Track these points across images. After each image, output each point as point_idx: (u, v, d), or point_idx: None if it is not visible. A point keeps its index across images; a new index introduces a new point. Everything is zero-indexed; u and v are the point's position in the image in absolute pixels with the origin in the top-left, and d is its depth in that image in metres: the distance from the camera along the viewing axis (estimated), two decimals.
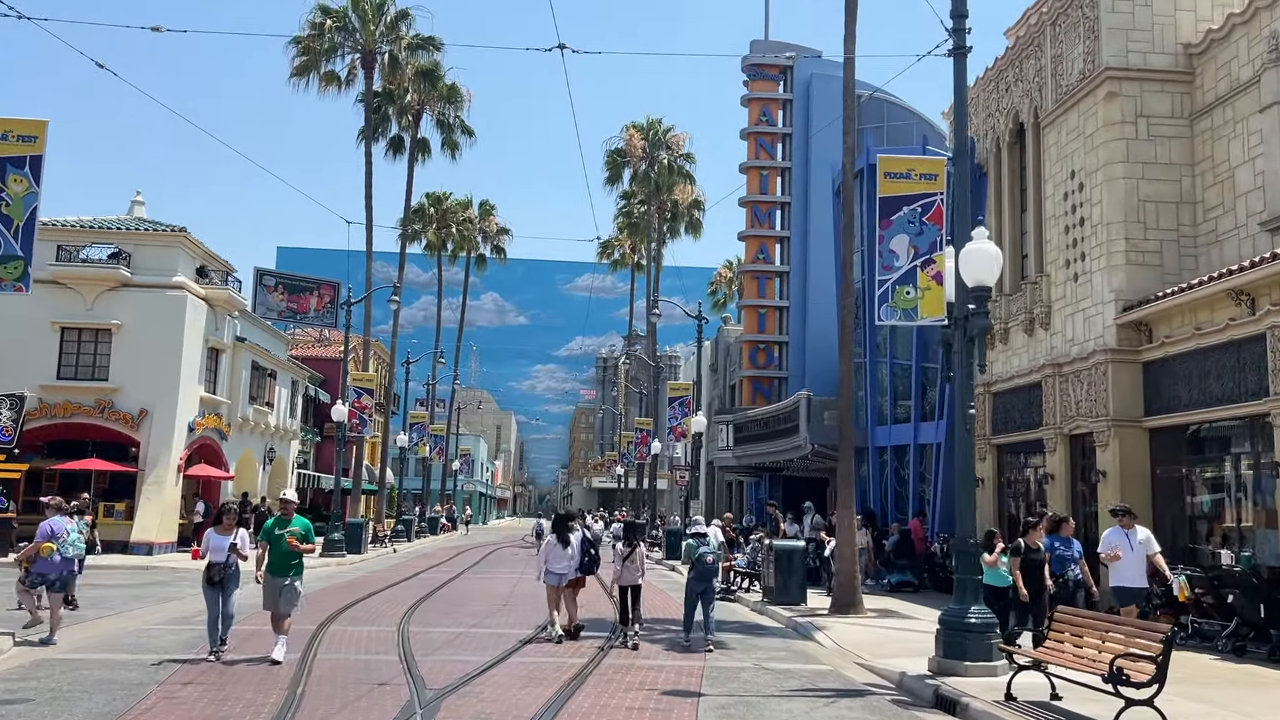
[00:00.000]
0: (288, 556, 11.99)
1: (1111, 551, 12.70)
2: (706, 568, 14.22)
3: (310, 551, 12.27)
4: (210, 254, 34.75)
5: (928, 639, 15.22)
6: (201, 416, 33.30)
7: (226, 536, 12.22)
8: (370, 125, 42.67)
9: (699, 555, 14.26)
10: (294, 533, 11.99)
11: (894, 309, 12.35)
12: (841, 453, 18.99)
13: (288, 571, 12.00)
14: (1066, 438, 20.26)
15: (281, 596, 11.94)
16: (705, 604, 14.10)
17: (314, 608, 17.87)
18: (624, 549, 14.66)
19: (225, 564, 12.04)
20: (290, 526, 12.07)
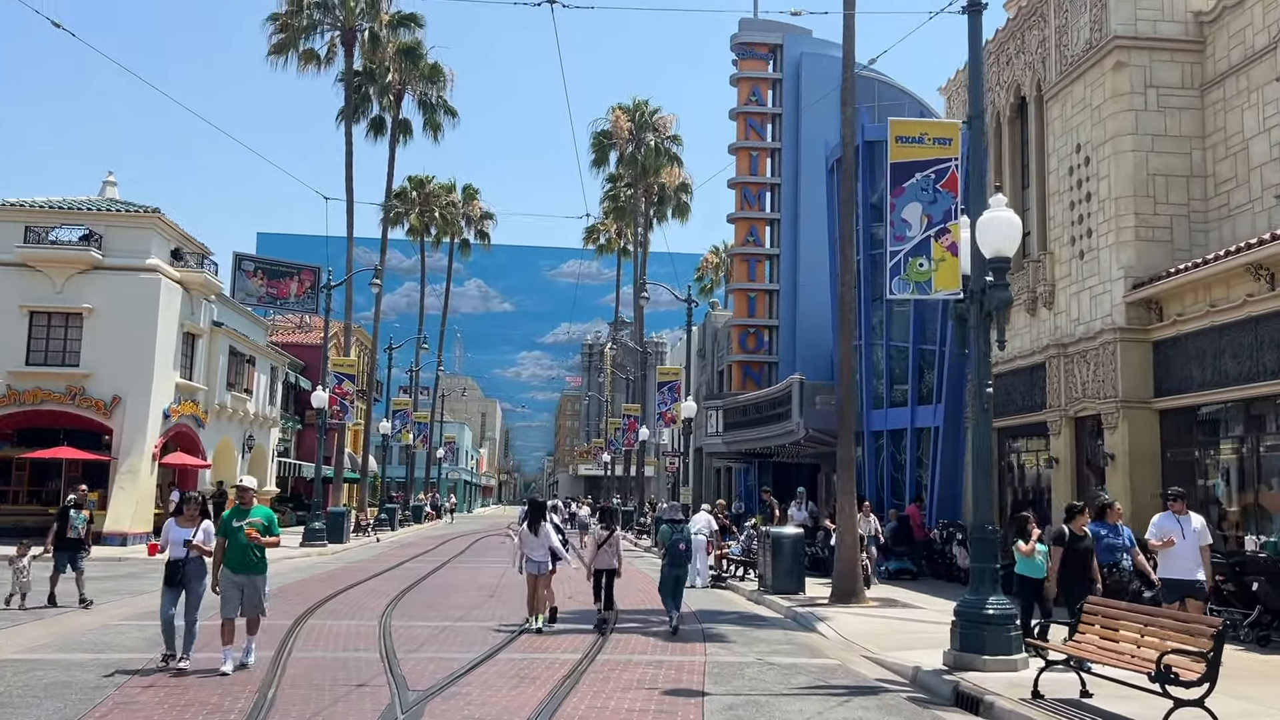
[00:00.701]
0: (248, 551, 10.51)
1: (1163, 539, 11.46)
2: (680, 554, 14.43)
3: (273, 545, 10.68)
4: (185, 236, 33.74)
5: (935, 629, 14.60)
6: (177, 403, 32.34)
7: (187, 529, 10.74)
8: (350, 105, 41.66)
9: (673, 541, 14.50)
10: (254, 524, 10.47)
11: (906, 281, 11.62)
12: (841, 437, 18.29)
13: (249, 568, 10.56)
14: (1072, 420, 19.64)
15: (244, 598, 10.57)
16: (677, 589, 14.38)
17: (291, 600, 17.11)
18: (601, 533, 14.68)
19: (184, 560, 10.62)
20: (250, 517, 10.55)
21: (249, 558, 10.55)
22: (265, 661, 10.90)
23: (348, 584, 20.38)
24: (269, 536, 10.63)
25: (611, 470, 71.73)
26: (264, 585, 10.79)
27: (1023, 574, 11.87)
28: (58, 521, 15.97)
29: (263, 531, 10.54)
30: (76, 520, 15.82)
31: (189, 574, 10.63)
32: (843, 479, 18.03)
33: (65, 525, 15.79)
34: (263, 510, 10.78)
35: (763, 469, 43.41)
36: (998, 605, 10.98)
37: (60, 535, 15.73)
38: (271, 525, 10.72)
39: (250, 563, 10.58)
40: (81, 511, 15.98)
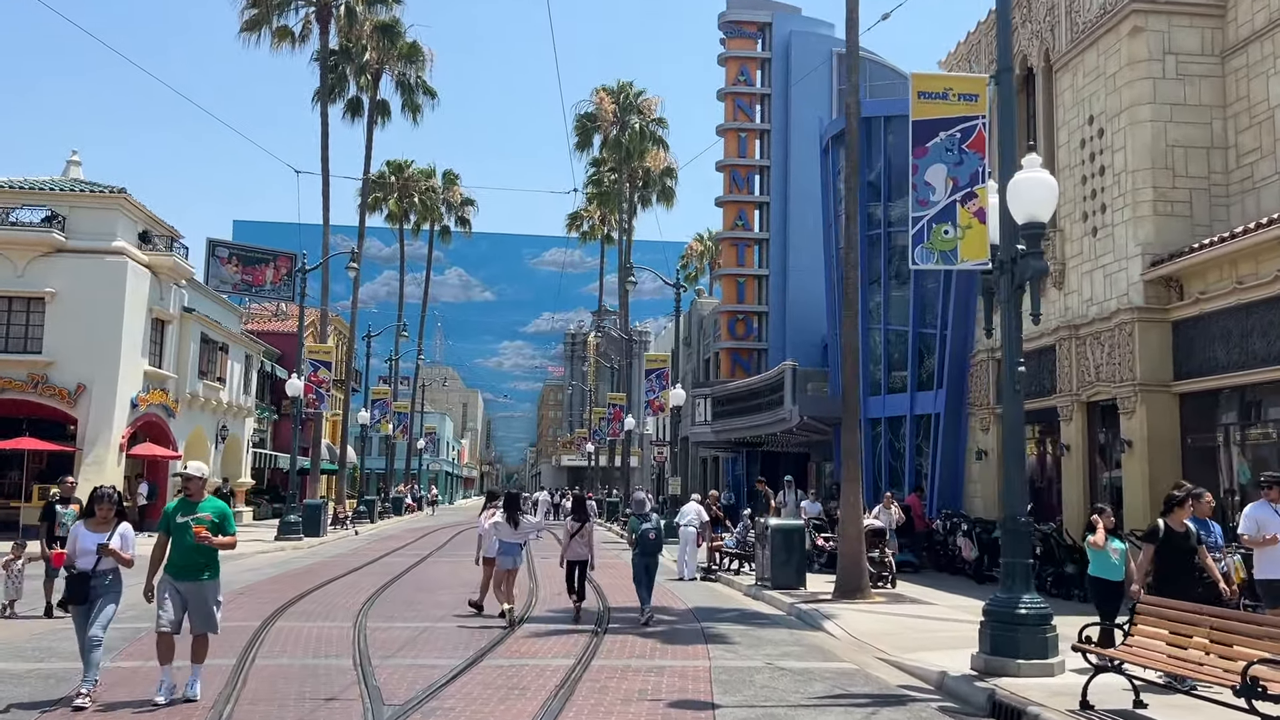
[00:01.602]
0: (196, 554, 8.55)
1: (1262, 534, 9.68)
2: (650, 543, 14.32)
3: (228, 546, 8.76)
4: (153, 218, 32.43)
5: (950, 627, 13.67)
6: (146, 392, 31.09)
7: (99, 533, 8.59)
8: (325, 85, 40.35)
9: (642, 532, 14.34)
10: (203, 521, 8.54)
11: (930, 251, 10.62)
12: (845, 423, 17.32)
13: (197, 574, 8.59)
14: (1085, 405, 18.74)
15: (190, 612, 8.62)
16: (648, 579, 14.25)
17: (261, 599, 16.03)
18: (573, 524, 14.47)
19: (93, 572, 8.50)
20: (198, 512, 8.61)
21: (196, 561, 8.59)
22: (224, 671, 9.81)
23: (322, 580, 19.30)
24: (223, 536, 8.68)
25: (596, 461, 70.71)
26: (215, 596, 8.78)
27: (1098, 576, 10.54)
28: (44, 520, 14.54)
29: (214, 529, 8.60)
30: (65, 517, 14.16)
31: (100, 588, 8.54)
32: (847, 467, 17.05)
33: (53, 523, 14.29)
34: (214, 503, 8.83)
35: (751, 458, 42.55)
36: (1031, 604, 10.02)
37: (49, 535, 14.25)
38: (225, 522, 8.75)
39: (198, 567, 8.61)
40: (70, 506, 14.34)
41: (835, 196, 27.49)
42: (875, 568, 17.70)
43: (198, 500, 8.75)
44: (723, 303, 40.79)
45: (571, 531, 14.36)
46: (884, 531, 18.84)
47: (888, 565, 18.13)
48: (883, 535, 18.71)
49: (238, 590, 17.33)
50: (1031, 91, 21.79)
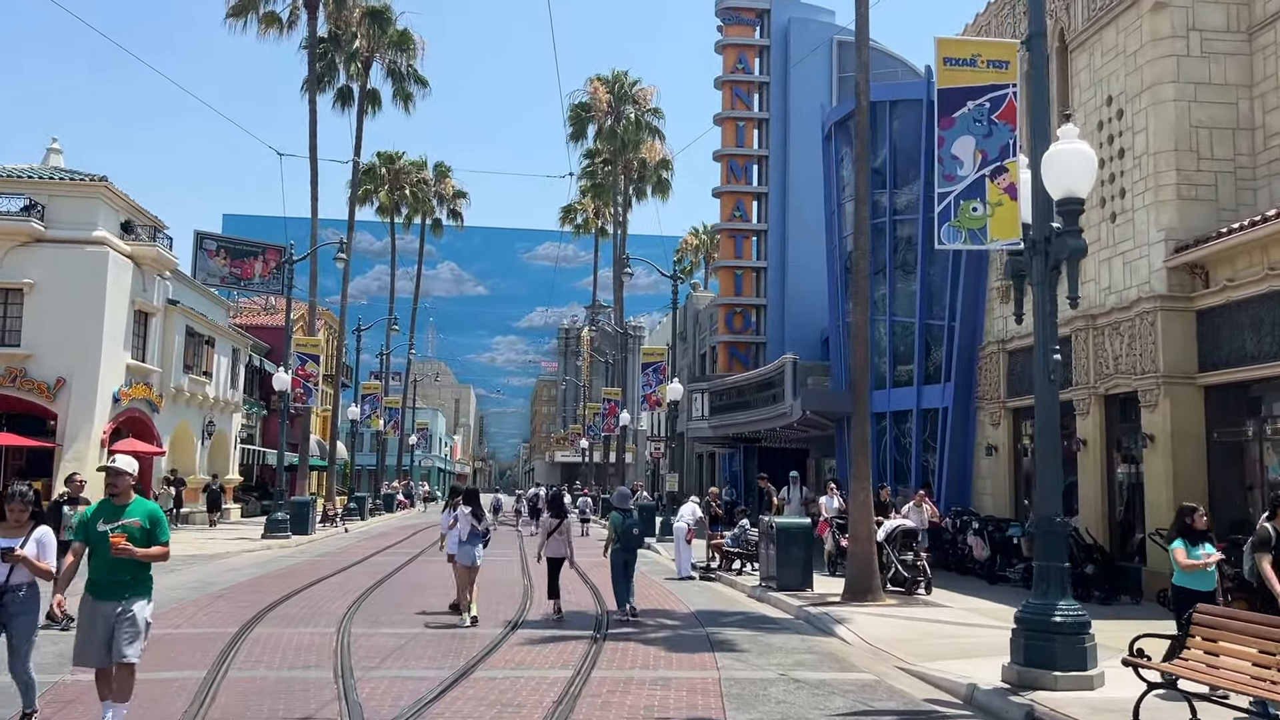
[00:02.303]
0: (120, 569, 6.95)
1: None
2: (633, 539, 14.36)
3: (158, 558, 7.12)
4: (136, 207, 31.53)
5: (970, 633, 12.92)
6: (128, 386, 30.21)
7: (12, 539, 7.23)
8: (314, 73, 39.41)
9: (625, 527, 14.30)
10: (128, 528, 6.95)
11: (958, 229, 9.84)
12: (856, 416, 16.54)
13: (119, 593, 6.95)
14: (1102, 398, 17.99)
15: (115, 635, 6.88)
16: (628, 573, 14.21)
17: (241, 602, 15.21)
18: (551, 521, 14.45)
19: (4, 586, 7.14)
20: (124, 518, 6.99)
21: (120, 578, 6.96)
22: (192, 686, 9.01)
23: (308, 581, 18.49)
24: (151, 546, 7.04)
25: (590, 457, 69.93)
26: (144, 617, 7.05)
27: (1183, 586, 9.32)
28: (49, 519, 13.49)
29: (141, 538, 6.97)
30: (72, 518, 12.63)
31: (13, 606, 7.17)
32: (856, 462, 16.27)
33: (58, 525, 12.67)
34: (144, 506, 7.20)
35: (748, 454, 41.76)
36: (1068, 611, 9.27)
37: None
38: (156, 528, 7.11)
39: (121, 584, 6.96)
40: (77, 508, 12.82)
41: (838, 184, 26.73)
42: (909, 571, 16.59)
43: (124, 502, 7.11)
44: (720, 295, 39.94)
45: (550, 529, 14.29)
46: (917, 532, 17.48)
47: (921, 569, 16.75)
48: (915, 536, 17.32)
49: (216, 593, 16.54)
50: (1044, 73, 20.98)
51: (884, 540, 16.73)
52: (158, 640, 11.46)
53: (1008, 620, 14.10)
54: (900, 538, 16.98)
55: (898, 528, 17.11)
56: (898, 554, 16.85)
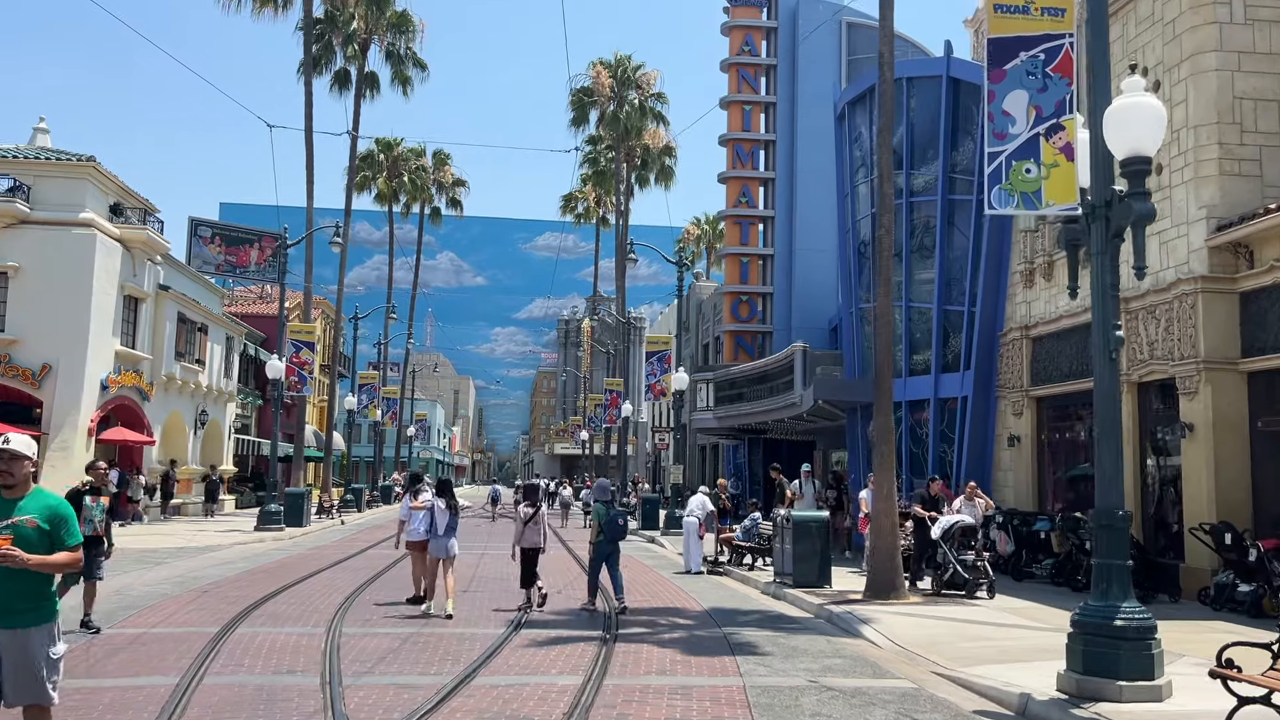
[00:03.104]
0: (8, 582, 5.03)
1: None
2: (618, 529, 14.02)
3: (59, 568, 5.19)
4: (126, 189, 30.60)
5: (1007, 634, 12.03)
6: (117, 373, 29.31)
7: None
8: (309, 55, 38.44)
9: (610, 518, 13.95)
10: (21, 528, 5.08)
11: (1009, 193, 8.94)
12: (879, 403, 15.64)
13: (12, 617, 5.07)
14: (1135, 386, 17.09)
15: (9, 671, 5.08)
16: (613, 565, 13.92)
17: (227, 598, 14.32)
18: (527, 511, 14.16)
19: None
20: (15, 515, 5.12)
21: (8, 592, 5.06)
22: (162, 695, 8.12)
23: (299, 576, 17.61)
24: (54, 554, 5.14)
25: (590, 449, 69.11)
26: (48, 647, 5.17)
27: None
28: None
29: (36, 541, 5.10)
30: (93, 512, 11.52)
31: None
32: (879, 452, 15.39)
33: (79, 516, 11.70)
34: (44, 500, 5.29)
35: (752, 446, 40.87)
36: (1132, 614, 8.38)
37: None
38: (60, 528, 5.23)
39: (16, 605, 5.09)
40: (100, 499, 11.68)
41: (851, 165, 25.81)
42: (969, 573, 15.09)
43: (18, 495, 5.21)
44: (726, 283, 39.03)
45: (525, 519, 13.98)
46: (976, 529, 15.86)
47: (983, 571, 15.20)
48: (975, 534, 15.75)
49: (202, 588, 15.66)
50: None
51: (940, 538, 15.42)
52: (132, 642, 10.60)
53: (1041, 620, 13.31)
54: (958, 535, 15.43)
55: (956, 524, 15.49)
56: (956, 553, 15.30)
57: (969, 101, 22.29)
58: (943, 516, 15.75)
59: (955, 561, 15.16)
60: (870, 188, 24.67)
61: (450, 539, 13.55)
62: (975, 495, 16.71)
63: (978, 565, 15.18)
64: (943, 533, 15.45)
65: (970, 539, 15.57)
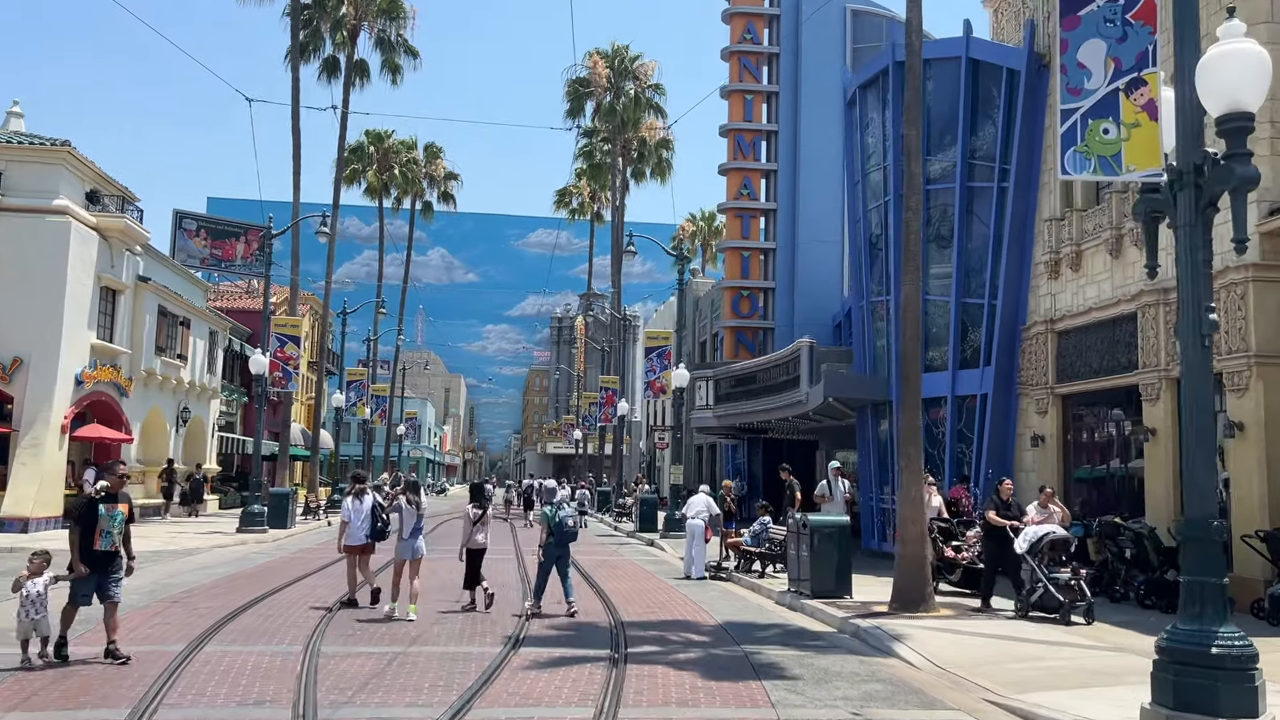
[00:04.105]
0: None
1: None
2: (567, 532, 13.66)
3: None
4: (103, 176, 29.30)
5: (1058, 653, 10.86)
6: (93, 368, 28.02)
7: None
8: (296, 41, 37.20)
9: (560, 520, 13.61)
10: None
11: (1086, 156, 7.84)
12: (905, 399, 14.51)
13: None
14: (1175, 382, 15.92)
15: None
16: (563, 569, 13.61)
17: (198, 609, 13.11)
18: (475, 511, 13.93)
19: None
20: None
21: None
22: None
23: (279, 583, 16.42)
24: None
25: (584, 448, 67.95)
26: None
27: None
28: (79, 521, 9.80)
29: None
30: (111, 521, 9.78)
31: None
32: (905, 453, 14.25)
33: (93, 528, 9.71)
34: None
35: (752, 446, 39.79)
36: (1231, 641, 7.27)
37: (85, 546, 9.68)
38: None
39: None
40: (117, 507, 9.90)
41: (862, 153, 24.66)
42: (1063, 594, 12.86)
43: None
44: (726, 278, 37.83)
45: (474, 519, 13.83)
46: (1069, 542, 13.70)
47: (1079, 591, 12.98)
48: (1068, 547, 13.65)
49: (173, 598, 14.46)
50: None
51: (1027, 552, 13.35)
52: (81, 664, 9.41)
53: (1087, 636, 12.16)
54: (1048, 549, 13.32)
55: (1045, 536, 13.35)
56: (1047, 571, 13.16)
57: (989, 84, 21.20)
58: (1028, 527, 13.82)
59: (1046, 580, 13.00)
60: (883, 174, 23.57)
61: (416, 540, 13.21)
62: (1050, 502, 14.28)
63: (1072, 584, 12.98)
64: (1030, 546, 13.37)
65: (1062, 553, 13.52)
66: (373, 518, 14.02)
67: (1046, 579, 13.04)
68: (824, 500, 18.19)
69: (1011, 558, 13.77)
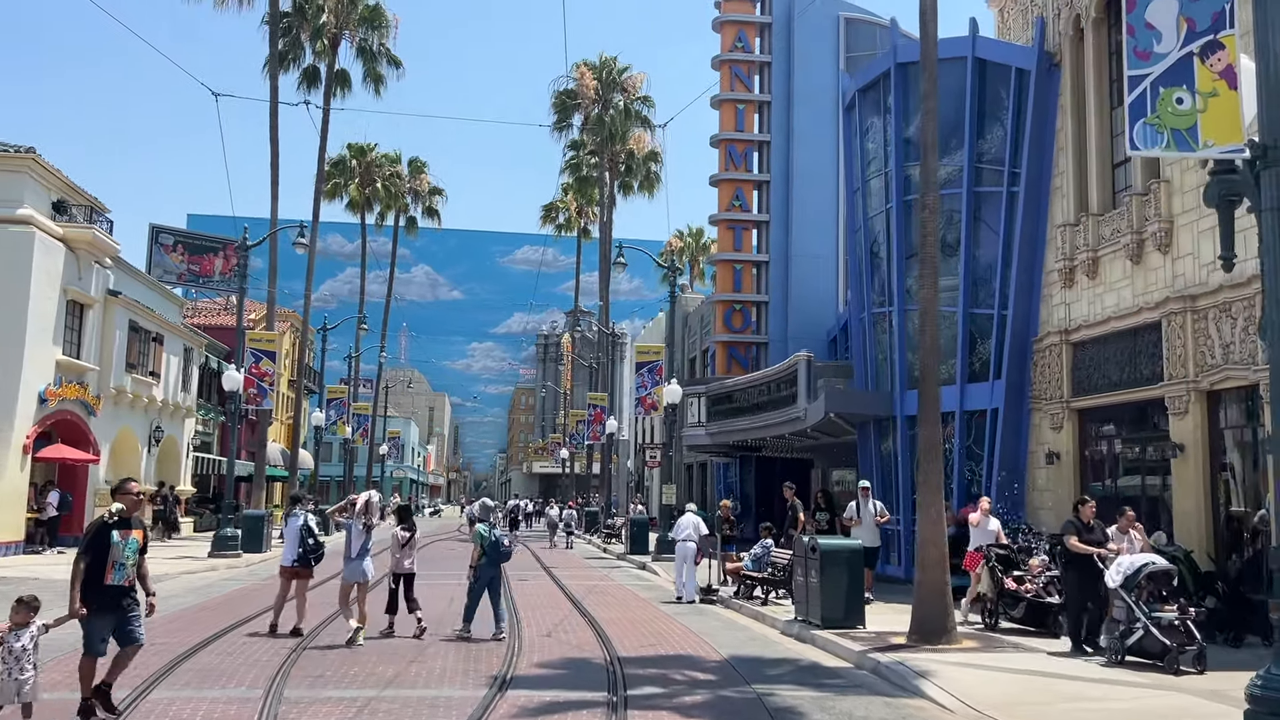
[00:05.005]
0: None
1: None
2: (502, 552, 13.33)
3: None
4: (70, 185, 28.14)
5: (1100, 691, 9.77)
6: (58, 385, 26.77)
7: None
8: (275, 49, 36.19)
9: (494, 540, 13.24)
10: None
11: (1158, 129, 6.86)
12: (923, 413, 13.49)
13: None
14: (1204, 395, 15.03)
15: None
16: (494, 591, 13.28)
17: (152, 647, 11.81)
18: (403, 534, 13.46)
19: None
20: None
21: None
22: None
23: (248, 613, 15.28)
24: None
25: (571, 467, 66.79)
26: None
27: None
28: (89, 551, 8.18)
29: None
30: (124, 551, 8.24)
31: None
32: (925, 470, 13.22)
33: (104, 559, 8.15)
34: None
35: (744, 464, 38.77)
36: None
37: (94, 581, 8.12)
38: None
39: None
40: (132, 533, 8.36)
41: (863, 159, 23.75)
42: (1169, 637, 10.85)
43: None
44: (718, 291, 36.89)
45: (402, 542, 13.37)
46: (1170, 575, 11.62)
47: (1188, 633, 10.94)
48: (1169, 580, 11.60)
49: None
50: (1118, 17, 18.15)
51: (1122, 586, 11.32)
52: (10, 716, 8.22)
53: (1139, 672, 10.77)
54: (1145, 583, 11.33)
55: (1144, 568, 11.39)
56: (1147, 608, 11.19)
57: (997, 84, 20.34)
58: (1123, 556, 11.70)
59: (1146, 619, 11.09)
60: (884, 181, 22.66)
61: (362, 561, 12.69)
62: (1130, 527, 12.44)
63: (1177, 625, 10.99)
64: (1125, 579, 11.31)
65: (1163, 588, 11.48)
66: (300, 540, 13.42)
67: (1145, 618, 11.10)
68: (853, 524, 16.98)
69: (1098, 591, 11.88)
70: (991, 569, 14.15)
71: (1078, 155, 18.67)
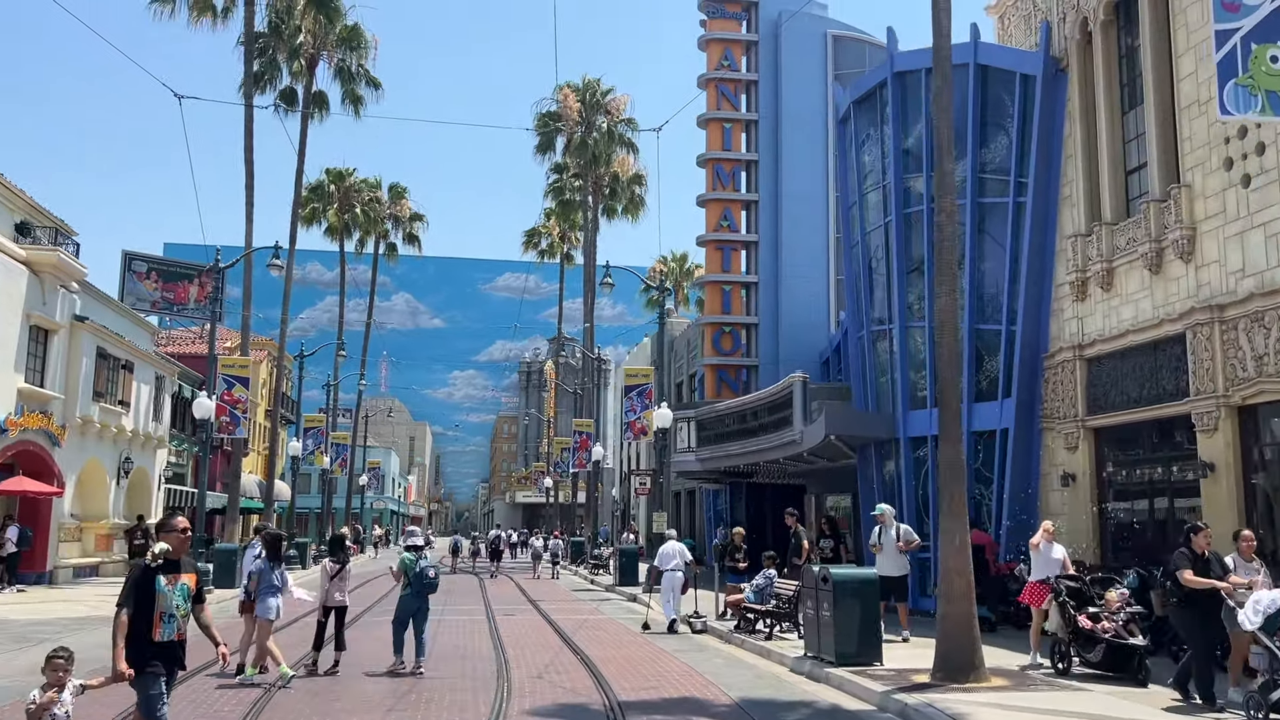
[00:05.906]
0: None
1: None
2: (427, 583, 12.90)
3: None
4: (35, 206, 27.07)
5: None
6: (19, 414, 25.53)
7: None
8: (250, 70, 35.17)
9: (420, 570, 12.82)
10: None
11: (1251, 91, 5.97)
12: (943, 431, 12.48)
13: None
14: (1235, 410, 14.18)
15: None
16: (419, 624, 12.76)
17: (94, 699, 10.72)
18: (333, 566, 13.02)
19: None
20: None
21: None
22: None
23: (208, 660, 14.01)
24: None
25: (555, 496, 65.55)
26: None
27: None
28: (130, 600, 6.92)
29: None
30: (173, 600, 6.95)
31: None
32: (947, 494, 12.20)
33: (150, 610, 6.89)
34: None
35: (735, 491, 37.72)
36: None
37: (139, 636, 6.86)
38: None
39: None
40: (181, 578, 7.08)
41: (859, 172, 22.96)
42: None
43: None
44: (706, 313, 36.04)
45: (332, 574, 12.92)
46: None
47: None
48: None
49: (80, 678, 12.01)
50: (1127, 19, 17.46)
51: (1261, 628, 9.44)
52: None
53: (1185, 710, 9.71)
54: None
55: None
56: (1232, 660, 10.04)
57: (1000, 91, 19.60)
58: (1258, 591, 9.78)
59: None
60: (883, 194, 21.85)
61: (266, 599, 12.27)
62: (1251, 550, 10.68)
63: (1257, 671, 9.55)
64: (1265, 620, 9.45)
65: None
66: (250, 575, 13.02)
67: None
68: (876, 550, 15.85)
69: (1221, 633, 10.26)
70: (1063, 604, 12.37)
71: (1088, 162, 17.91)
